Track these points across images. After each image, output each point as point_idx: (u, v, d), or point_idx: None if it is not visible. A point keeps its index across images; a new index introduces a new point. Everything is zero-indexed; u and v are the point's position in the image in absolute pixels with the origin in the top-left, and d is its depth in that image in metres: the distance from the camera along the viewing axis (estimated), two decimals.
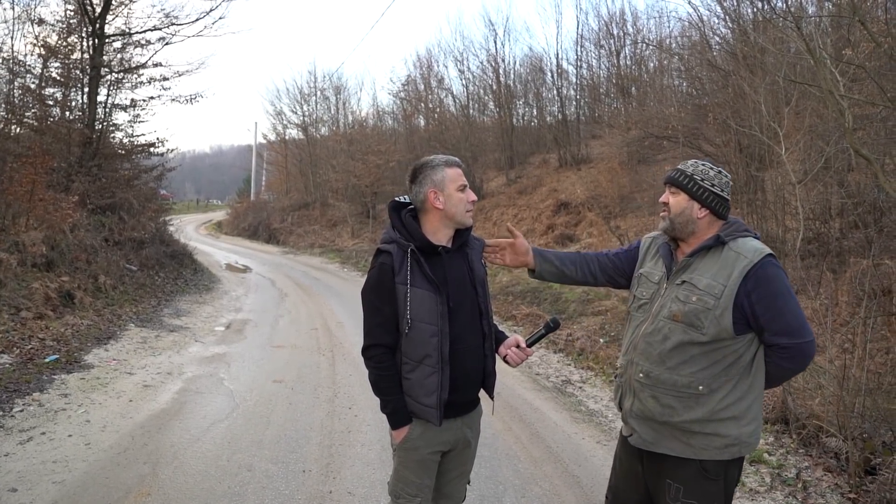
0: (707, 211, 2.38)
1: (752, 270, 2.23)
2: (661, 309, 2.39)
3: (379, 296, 2.48)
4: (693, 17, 17.50)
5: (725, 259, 2.29)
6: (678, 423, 2.32)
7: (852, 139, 5.74)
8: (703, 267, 2.33)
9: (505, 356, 2.66)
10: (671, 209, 2.42)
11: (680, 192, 2.41)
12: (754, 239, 2.33)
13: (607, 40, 23.55)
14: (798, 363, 2.32)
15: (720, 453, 2.29)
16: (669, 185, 2.45)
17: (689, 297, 2.31)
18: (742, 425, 2.29)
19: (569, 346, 8.42)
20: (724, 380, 2.28)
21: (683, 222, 2.40)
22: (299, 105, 36.20)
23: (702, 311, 2.27)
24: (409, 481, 2.56)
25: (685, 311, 2.30)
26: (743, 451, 2.32)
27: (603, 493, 4.18)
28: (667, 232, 2.47)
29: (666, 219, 2.44)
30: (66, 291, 9.35)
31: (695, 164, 2.44)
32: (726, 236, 2.32)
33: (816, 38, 6.34)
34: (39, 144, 11.84)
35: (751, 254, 2.25)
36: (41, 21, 13.98)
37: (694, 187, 2.38)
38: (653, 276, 2.52)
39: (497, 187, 23.01)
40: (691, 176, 2.40)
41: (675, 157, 14.86)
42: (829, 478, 4.32)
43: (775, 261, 2.28)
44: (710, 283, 2.28)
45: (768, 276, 2.23)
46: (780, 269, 2.27)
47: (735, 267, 2.25)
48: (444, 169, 2.51)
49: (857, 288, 6.77)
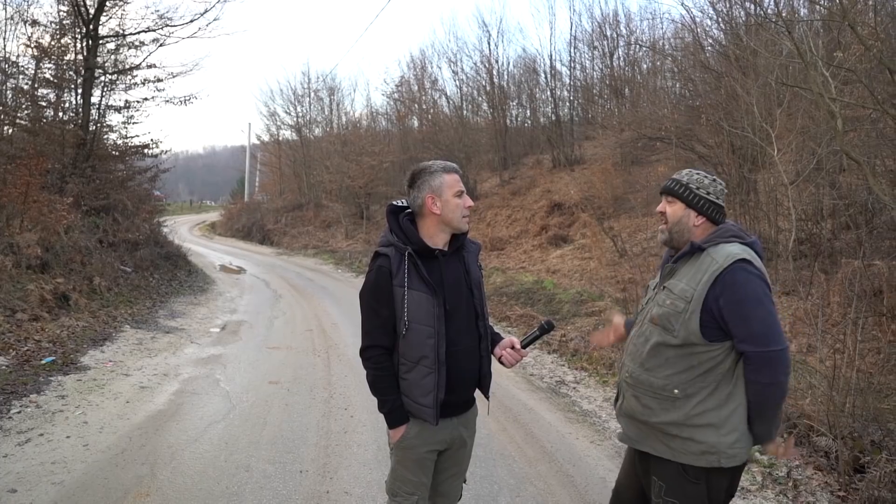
0: (703, 218, 2.45)
1: (721, 275, 2.26)
2: (647, 313, 2.49)
3: (377, 298, 2.53)
4: (686, 19, 17.66)
5: (701, 264, 2.34)
6: (656, 423, 2.39)
7: (842, 142, 5.81)
8: (682, 272, 2.40)
9: (500, 357, 2.72)
10: (669, 219, 2.49)
11: (676, 202, 2.48)
12: (739, 244, 2.35)
13: (601, 41, 23.67)
14: (765, 375, 2.25)
15: (697, 459, 2.32)
16: (666, 194, 2.51)
17: (665, 301, 2.39)
18: (721, 434, 2.29)
19: (563, 347, 8.47)
20: (701, 386, 2.32)
21: (680, 231, 2.47)
22: (293, 106, 36.24)
23: (673, 315, 2.34)
24: (407, 479, 2.61)
25: (661, 314, 2.38)
26: (723, 461, 2.30)
27: (597, 492, 4.26)
28: (666, 244, 2.54)
29: (665, 231, 2.51)
30: (61, 293, 9.35)
31: (689, 173, 2.51)
32: (704, 243, 2.38)
33: (808, 41, 6.42)
34: (33, 146, 11.82)
35: (722, 258, 2.29)
36: (34, 22, 13.98)
37: (690, 196, 2.45)
38: (652, 283, 2.63)
39: (491, 188, 23.06)
40: (686, 185, 2.46)
41: (668, 158, 14.95)
42: (819, 476, 4.38)
43: (749, 266, 2.28)
44: (683, 288, 2.34)
45: (736, 281, 2.25)
46: (751, 274, 2.27)
47: (706, 272, 2.30)
48: (442, 175, 2.55)
49: (847, 289, 6.84)
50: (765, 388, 2.27)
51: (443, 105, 28.63)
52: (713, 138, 12.04)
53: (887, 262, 6.74)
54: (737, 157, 11.23)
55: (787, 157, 9.26)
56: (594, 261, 13.68)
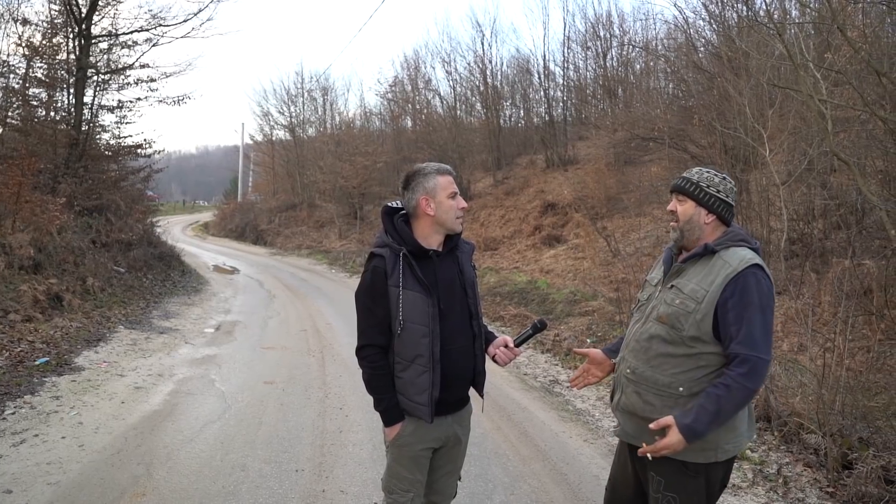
0: (714, 216, 2.47)
1: (735, 278, 2.30)
2: (653, 311, 2.50)
3: (372, 298, 2.56)
4: (679, 20, 17.73)
5: (713, 266, 2.37)
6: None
7: (832, 143, 5.87)
8: (691, 273, 2.42)
9: (494, 356, 2.75)
10: (680, 217, 2.51)
11: (687, 200, 2.49)
12: (749, 249, 2.39)
13: (594, 42, 23.76)
14: (751, 379, 2.23)
15: (697, 455, 2.35)
16: (676, 192, 2.53)
17: (674, 301, 2.40)
18: (720, 432, 2.33)
19: (556, 347, 8.53)
20: (706, 385, 2.34)
21: (691, 229, 2.48)
22: (286, 106, 36.20)
23: (682, 314, 2.36)
24: (402, 477, 2.64)
25: (669, 313, 2.40)
26: (720, 455, 2.36)
27: (590, 489, 4.30)
28: (677, 242, 2.55)
29: (676, 229, 2.52)
30: (54, 294, 9.33)
31: (699, 171, 2.53)
32: (716, 245, 2.40)
33: (799, 43, 6.48)
34: (25, 146, 11.78)
35: (735, 262, 2.32)
36: (25, 21, 13.86)
37: (700, 194, 2.47)
38: (653, 280, 2.64)
39: (484, 188, 23.10)
40: (697, 183, 2.48)
41: (661, 158, 15.02)
42: (808, 473, 4.44)
43: (760, 272, 2.32)
44: (694, 288, 2.37)
45: (748, 285, 2.28)
46: (762, 280, 2.31)
47: (719, 274, 2.33)
48: (436, 177, 2.59)
49: (837, 288, 6.90)
50: (741, 392, 2.23)
51: (436, 105, 28.73)
52: (706, 139, 12.11)
53: (876, 261, 6.81)
54: (729, 158, 11.30)
55: (778, 158, 9.34)
56: (587, 261, 13.75)
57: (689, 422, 2.23)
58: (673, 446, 2.25)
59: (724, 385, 2.24)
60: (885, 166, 7.66)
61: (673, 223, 2.55)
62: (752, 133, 9.22)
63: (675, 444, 2.24)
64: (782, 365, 6.23)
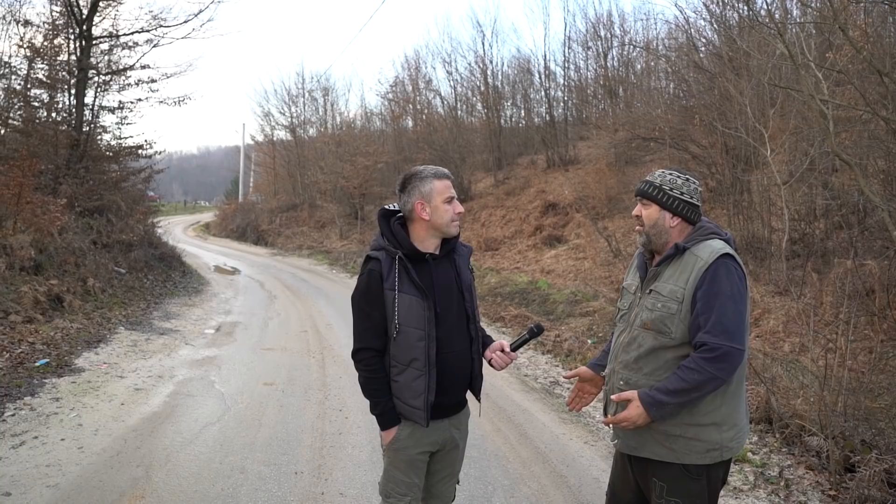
0: (679, 219, 2.46)
1: (706, 270, 2.30)
2: (636, 319, 2.48)
3: (368, 301, 2.56)
4: (680, 20, 17.72)
5: (686, 264, 2.37)
6: (660, 427, 2.37)
7: (833, 143, 5.85)
8: (667, 274, 2.42)
9: (490, 360, 2.74)
10: (645, 222, 2.50)
11: (651, 204, 2.49)
12: (719, 240, 2.39)
13: (595, 42, 23.69)
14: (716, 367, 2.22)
15: (701, 458, 2.34)
16: (640, 197, 2.53)
17: (656, 305, 2.40)
18: (723, 431, 2.34)
19: (557, 348, 8.50)
20: None
21: (657, 233, 2.48)
22: (287, 106, 36.15)
23: (667, 317, 2.35)
24: (399, 481, 2.63)
25: (653, 318, 2.39)
26: (724, 455, 2.36)
27: (590, 492, 4.29)
28: (645, 246, 2.55)
29: (642, 233, 2.52)
30: (55, 295, 9.32)
31: (662, 174, 2.52)
32: (686, 243, 2.40)
33: (800, 43, 6.45)
34: (26, 147, 11.78)
35: (706, 255, 2.33)
36: (27, 22, 13.92)
37: (663, 197, 2.46)
38: (631, 287, 2.62)
39: (485, 188, 23.09)
40: (660, 186, 2.48)
41: (662, 158, 15.01)
42: (810, 476, 4.42)
43: (731, 261, 2.32)
44: (672, 289, 2.36)
45: (718, 275, 2.29)
46: (733, 270, 2.31)
47: (693, 270, 2.33)
48: (432, 181, 2.57)
49: (839, 289, 6.88)
50: (706, 378, 2.23)
51: (437, 105, 28.65)
52: (707, 139, 12.11)
53: (879, 262, 6.79)
54: (730, 158, 11.29)
55: (780, 158, 9.31)
56: (588, 261, 13.73)
57: (650, 392, 2.31)
58: (632, 419, 2.32)
59: (686, 367, 2.26)
60: (886, 166, 7.64)
61: (638, 227, 2.54)
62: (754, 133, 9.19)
63: (634, 416, 2.32)
64: (784, 366, 6.21)
